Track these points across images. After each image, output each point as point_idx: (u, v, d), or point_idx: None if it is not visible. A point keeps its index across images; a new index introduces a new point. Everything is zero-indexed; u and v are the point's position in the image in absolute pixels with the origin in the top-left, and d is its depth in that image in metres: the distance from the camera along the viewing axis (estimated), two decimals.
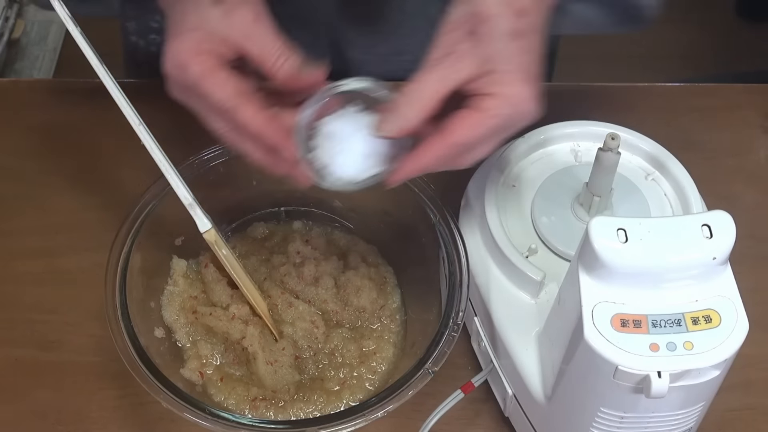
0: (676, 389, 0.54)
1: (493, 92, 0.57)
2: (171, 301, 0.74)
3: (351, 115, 0.61)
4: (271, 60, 0.59)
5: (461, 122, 0.57)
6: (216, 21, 0.59)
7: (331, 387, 0.70)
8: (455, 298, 0.67)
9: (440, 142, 0.58)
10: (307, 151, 0.60)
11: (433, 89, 0.57)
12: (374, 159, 0.60)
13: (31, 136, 0.91)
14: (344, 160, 0.60)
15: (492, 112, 0.57)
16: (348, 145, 0.60)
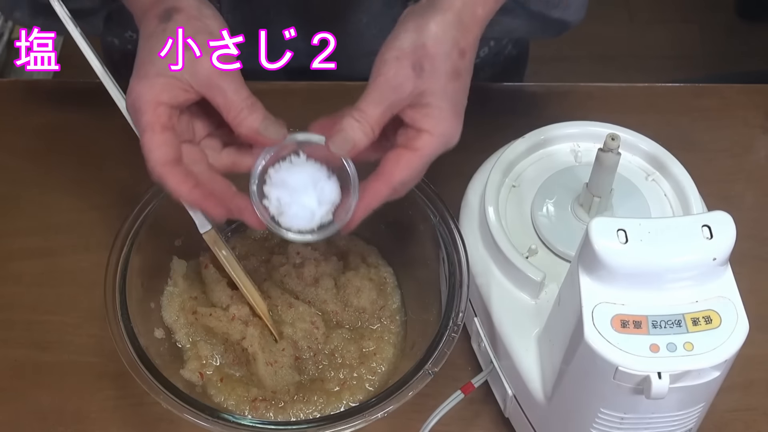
0: (676, 390, 0.54)
1: (426, 129, 0.60)
2: (171, 301, 0.74)
3: (300, 164, 0.63)
4: (234, 113, 0.61)
5: (398, 164, 0.61)
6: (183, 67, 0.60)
7: (331, 388, 0.70)
8: (455, 298, 0.67)
9: (383, 185, 0.61)
10: (261, 197, 0.63)
11: (379, 118, 0.60)
12: (324, 207, 0.62)
13: (31, 136, 0.91)
14: (296, 211, 0.62)
15: (425, 150, 0.61)
16: (298, 195, 0.62)
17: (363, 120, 0.60)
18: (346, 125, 0.60)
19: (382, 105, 0.60)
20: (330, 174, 0.63)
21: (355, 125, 0.59)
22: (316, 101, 0.93)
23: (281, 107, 0.93)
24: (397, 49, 0.60)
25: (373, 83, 0.60)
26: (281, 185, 0.62)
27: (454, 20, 0.61)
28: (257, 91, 0.62)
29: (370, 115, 0.60)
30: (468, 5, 0.61)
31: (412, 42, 0.60)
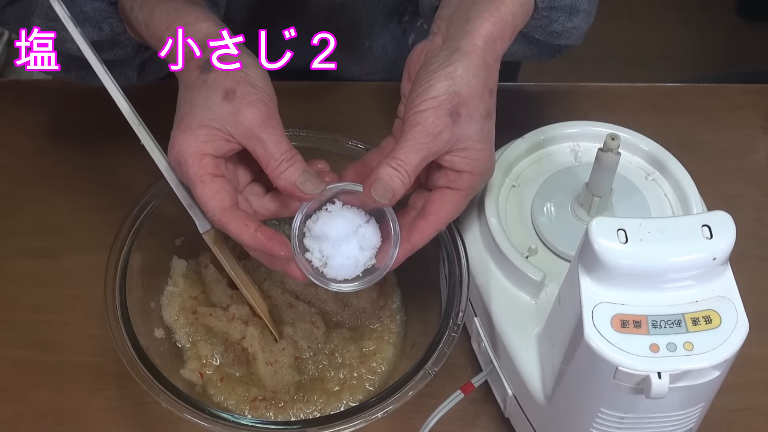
0: (676, 390, 0.54)
1: (467, 170, 0.63)
2: (171, 301, 0.74)
3: (337, 212, 0.64)
4: (273, 165, 0.61)
5: (444, 205, 0.63)
6: (224, 118, 0.61)
7: (331, 387, 0.70)
8: (455, 298, 0.67)
9: (431, 225, 0.63)
10: (303, 251, 0.64)
11: (417, 166, 0.61)
12: (367, 253, 0.63)
13: (31, 136, 0.91)
14: (340, 262, 0.63)
15: (468, 190, 0.64)
16: (340, 245, 0.63)
17: (401, 168, 0.60)
18: (384, 174, 0.60)
19: (421, 154, 0.60)
20: (368, 217, 0.64)
21: (394, 174, 0.60)
22: (316, 101, 0.93)
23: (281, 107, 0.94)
24: (432, 98, 0.60)
25: (411, 132, 0.60)
26: (322, 237, 0.63)
27: (480, 63, 0.62)
28: None
29: (408, 163, 0.60)
30: (489, 44, 0.62)
31: (445, 90, 0.60)
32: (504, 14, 0.63)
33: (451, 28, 0.64)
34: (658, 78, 1.01)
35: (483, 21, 0.62)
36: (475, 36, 0.62)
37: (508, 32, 0.64)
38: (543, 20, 0.68)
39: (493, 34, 0.63)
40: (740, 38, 2.23)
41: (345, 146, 0.76)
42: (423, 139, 0.60)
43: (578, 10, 0.68)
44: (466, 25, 0.63)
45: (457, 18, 0.64)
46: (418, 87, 0.61)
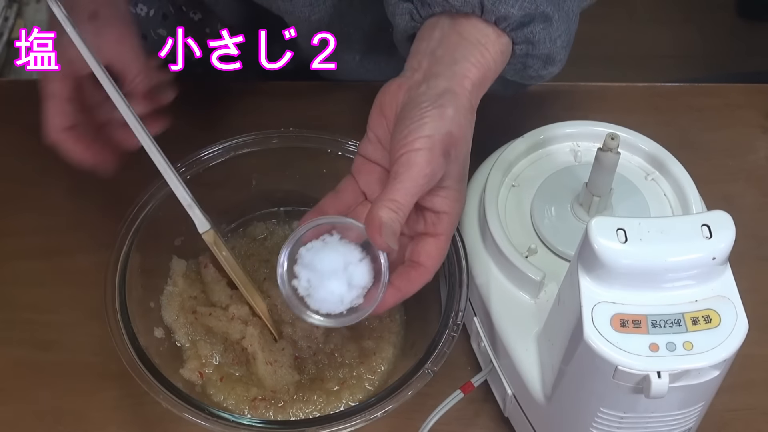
0: (675, 389, 0.54)
1: (446, 211, 0.62)
2: (170, 301, 0.74)
3: (333, 244, 0.62)
4: (130, 77, 0.69)
5: (430, 254, 0.62)
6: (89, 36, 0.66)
7: (330, 387, 0.70)
8: (455, 298, 0.67)
9: (421, 276, 0.62)
10: (291, 277, 0.62)
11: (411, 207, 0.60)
12: (354, 292, 0.62)
13: (31, 136, 0.91)
14: (324, 295, 0.61)
15: (448, 234, 0.63)
16: (328, 279, 0.61)
17: (400, 212, 0.59)
18: (386, 218, 0.58)
19: (417, 196, 0.59)
20: (363, 256, 0.62)
21: (394, 217, 0.59)
22: (316, 101, 0.93)
23: (281, 107, 0.94)
24: (428, 136, 0.59)
25: (407, 173, 0.59)
26: (312, 267, 0.62)
27: (468, 105, 0.61)
28: (257, 91, 0.63)
29: (406, 206, 0.59)
30: (475, 89, 0.62)
31: (438, 130, 0.59)
32: (487, 60, 0.63)
33: (434, 66, 0.63)
34: (658, 78, 1.01)
35: (470, 66, 0.62)
36: (465, 80, 0.61)
37: (489, 78, 0.64)
38: (518, 65, 0.67)
39: (478, 79, 0.62)
40: (740, 38, 2.23)
41: (345, 146, 0.76)
42: (420, 180, 0.59)
43: (554, 61, 0.68)
44: (454, 66, 0.62)
45: (441, 56, 0.63)
46: (408, 123, 0.60)
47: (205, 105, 0.91)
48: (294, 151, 0.76)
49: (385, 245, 0.59)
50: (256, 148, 0.75)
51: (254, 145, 0.75)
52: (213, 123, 0.88)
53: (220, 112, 0.91)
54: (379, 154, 0.65)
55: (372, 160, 0.65)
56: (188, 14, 0.88)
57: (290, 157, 0.76)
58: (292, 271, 0.62)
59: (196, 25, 0.88)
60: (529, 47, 0.64)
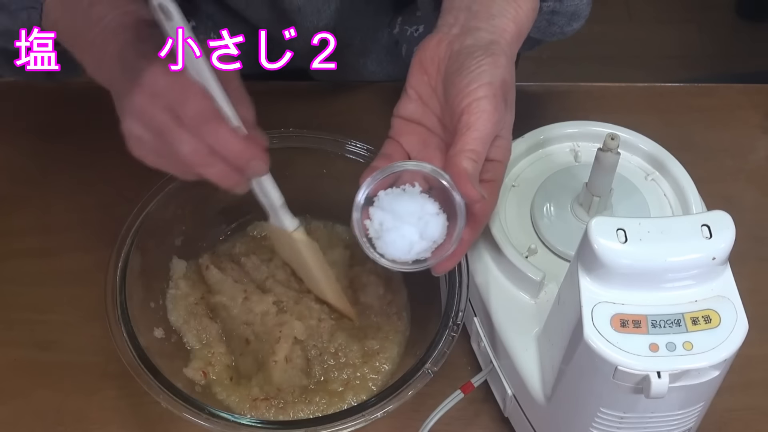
0: (675, 389, 0.54)
1: (499, 159, 0.63)
2: (176, 305, 0.74)
3: (413, 194, 0.62)
4: None
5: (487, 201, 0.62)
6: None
7: (335, 388, 0.70)
8: (455, 298, 0.67)
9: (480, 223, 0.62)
10: (365, 217, 0.61)
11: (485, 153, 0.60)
12: (424, 243, 0.61)
13: (31, 136, 0.91)
14: (393, 239, 0.61)
15: (499, 180, 0.64)
16: (402, 223, 0.61)
17: (480, 160, 0.60)
18: (470, 168, 0.59)
19: (488, 142, 0.60)
20: (440, 212, 0.62)
21: (476, 166, 0.59)
22: (316, 101, 0.93)
23: (281, 107, 0.94)
24: (488, 83, 0.60)
25: (479, 121, 0.59)
26: (388, 209, 0.61)
27: (511, 56, 0.63)
28: (257, 91, 0.62)
29: (482, 153, 0.60)
30: (514, 42, 0.63)
31: (495, 77, 0.60)
32: (521, 17, 0.64)
33: (472, 20, 0.63)
34: (658, 78, 1.01)
35: (508, 21, 0.63)
36: (506, 33, 0.63)
37: (523, 35, 0.65)
38: (543, 22, 0.68)
39: (515, 35, 0.63)
40: (740, 38, 2.23)
41: (345, 146, 0.76)
42: (490, 127, 0.60)
43: (579, 17, 0.68)
44: (492, 20, 0.63)
45: (477, 11, 0.64)
46: (466, 73, 0.60)
47: None
48: (294, 151, 0.76)
49: (477, 194, 0.59)
50: None
51: None
52: None
53: None
54: (420, 112, 0.65)
55: (413, 120, 0.65)
56: None
57: (290, 157, 0.76)
58: (367, 212, 0.61)
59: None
60: (557, 4, 0.66)
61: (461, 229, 0.61)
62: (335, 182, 0.75)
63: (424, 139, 0.65)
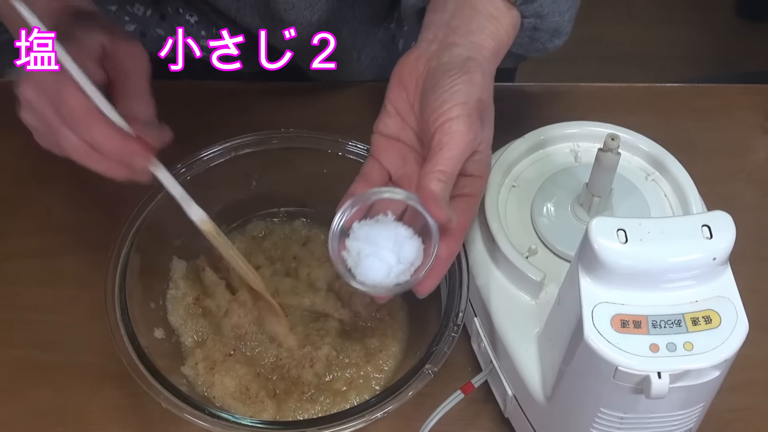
0: (676, 390, 0.54)
1: (478, 174, 0.63)
2: (175, 305, 0.74)
3: (386, 222, 0.63)
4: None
5: (464, 215, 0.62)
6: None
7: (338, 388, 0.70)
8: (455, 298, 0.67)
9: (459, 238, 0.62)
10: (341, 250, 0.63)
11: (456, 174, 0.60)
12: (402, 266, 0.62)
13: (31, 136, 0.91)
14: (371, 264, 0.61)
15: (478, 194, 0.64)
16: (378, 250, 0.61)
17: (450, 181, 0.60)
18: (438, 189, 0.59)
19: (460, 163, 0.60)
20: (414, 235, 0.62)
21: (444, 187, 0.59)
22: (316, 101, 0.93)
23: (281, 107, 0.94)
24: (463, 103, 0.60)
25: (451, 142, 0.59)
26: (364, 239, 0.62)
27: (489, 73, 0.63)
28: (257, 91, 0.63)
29: (452, 174, 0.60)
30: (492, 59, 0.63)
31: (470, 96, 0.60)
32: (501, 34, 0.64)
33: (450, 36, 0.64)
34: (658, 78, 1.01)
35: (486, 37, 0.63)
36: (484, 49, 0.63)
37: (503, 51, 0.65)
38: (525, 38, 0.68)
39: (494, 51, 0.63)
40: (740, 38, 2.23)
41: (345, 146, 0.76)
42: (463, 148, 0.60)
43: (561, 33, 0.68)
44: (471, 37, 0.63)
45: (457, 27, 0.64)
46: (440, 92, 0.60)
47: (205, 105, 0.91)
48: (294, 151, 0.76)
49: (444, 216, 0.59)
50: (256, 148, 0.75)
51: (254, 145, 0.75)
52: (213, 123, 0.88)
53: (220, 112, 0.91)
54: (399, 128, 0.65)
55: (391, 136, 0.65)
56: (184, 16, 0.88)
57: (290, 157, 0.76)
58: (343, 243, 0.63)
59: (193, 28, 0.88)
60: (538, 21, 0.65)
61: (436, 248, 0.61)
62: (335, 182, 0.75)
63: (404, 155, 0.66)
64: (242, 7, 0.84)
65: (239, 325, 0.73)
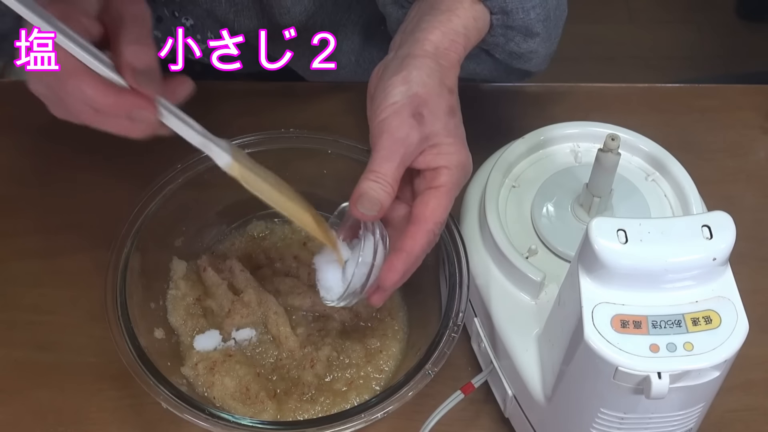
0: (676, 390, 0.54)
1: (442, 165, 0.62)
2: (175, 306, 0.74)
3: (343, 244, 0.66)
4: None
5: (427, 204, 0.62)
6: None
7: (339, 388, 0.70)
8: (455, 298, 0.67)
9: (419, 228, 0.61)
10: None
11: (394, 173, 0.60)
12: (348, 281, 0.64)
13: (31, 136, 0.91)
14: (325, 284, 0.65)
15: (448, 185, 0.62)
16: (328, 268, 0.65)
17: (380, 179, 0.60)
18: (366, 188, 0.60)
19: (394, 160, 0.60)
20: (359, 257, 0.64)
21: (375, 186, 0.60)
22: (316, 101, 0.93)
23: (281, 107, 0.94)
24: (392, 104, 0.61)
25: (380, 142, 0.60)
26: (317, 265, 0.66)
27: (434, 64, 0.62)
28: (257, 91, 0.63)
29: (384, 173, 0.60)
30: (441, 50, 0.63)
31: (403, 94, 0.61)
32: (455, 25, 0.64)
33: (403, 40, 0.65)
34: (658, 78, 1.01)
35: (432, 29, 0.63)
36: (425, 42, 0.63)
37: (461, 42, 0.64)
38: (500, 38, 0.68)
39: (443, 42, 0.63)
40: (740, 38, 2.23)
41: (345, 146, 0.76)
42: (392, 146, 0.60)
43: (533, 33, 0.69)
44: (416, 33, 0.63)
45: (410, 30, 0.65)
46: (377, 98, 0.61)
47: (205, 105, 0.91)
48: (294, 151, 0.76)
49: (359, 214, 0.60)
50: (256, 149, 0.75)
51: (254, 146, 0.75)
52: (213, 123, 0.87)
53: (220, 112, 0.91)
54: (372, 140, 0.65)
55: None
56: (180, 19, 0.88)
57: (290, 157, 0.76)
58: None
59: (188, 31, 0.88)
60: (505, 17, 0.66)
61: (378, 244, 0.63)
62: (335, 183, 0.75)
63: None
64: (239, 11, 0.84)
65: (241, 325, 0.73)
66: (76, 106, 0.58)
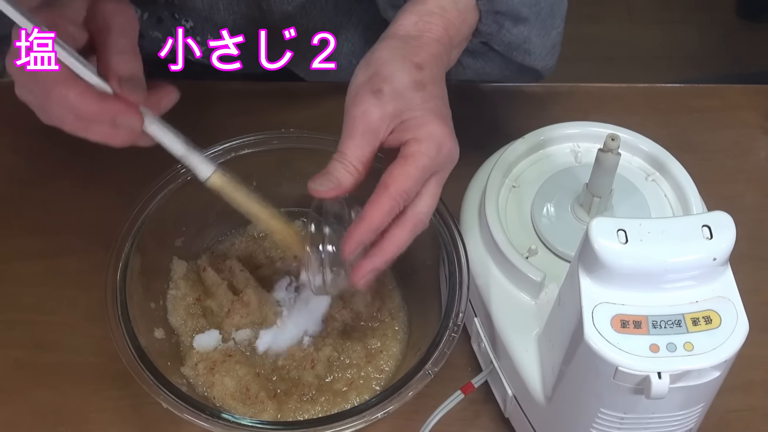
0: (676, 390, 0.54)
1: (411, 137, 0.60)
2: (175, 306, 0.74)
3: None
4: None
5: (393, 172, 0.60)
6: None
7: (339, 388, 0.70)
8: (455, 299, 0.67)
9: (383, 195, 0.59)
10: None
11: (358, 152, 0.60)
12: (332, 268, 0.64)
13: (31, 136, 0.91)
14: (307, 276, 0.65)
15: (417, 155, 0.60)
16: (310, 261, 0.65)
17: (344, 159, 0.60)
18: (330, 167, 0.60)
19: (356, 138, 0.60)
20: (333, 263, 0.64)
21: (338, 165, 0.60)
22: (317, 101, 0.93)
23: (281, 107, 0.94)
24: (354, 87, 0.61)
25: (344, 125, 0.61)
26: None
27: (399, 43, 0.62)
28: (257, 91, 0.63)
29: (348, 153, 0.60)
30: (412, 32, 0.63)
31: (364, 75, 0.61)
32: (431, 6, 0.64)
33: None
34: (658, 78, 1.01)
35: (407, 14, 0.64)
36: (398, 27, 0.63)
37: (438, 23, 0.64)
38: (492, 26, 0.68)
39: (418, 24, 0.63)
40: (740, 38, 2.23)
41: None
42: (353, 123, 0.60)
43: (522, 18, 0.69)
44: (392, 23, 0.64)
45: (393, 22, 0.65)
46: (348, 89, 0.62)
47: (205, 105, 0.91)
48: (294, 152, 0.76)
49: (313, 190, 0.60)
50: (256, 149, 0.75)
51: (254, 146, 0.75)
52: (213, 123, 0.88)
53: (220, 113, 0.91)
54: None
55: None
56: (180, 21, 0.88)
57: (290, 158, 0.76)
58: None
59: (188, 32, 0.88)
60: (490, 3, 0.66)
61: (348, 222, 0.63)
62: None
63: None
64: (237, 18, 0.84)
65: (241, 325, 0.72)
66: (58, 113, 0.59)
